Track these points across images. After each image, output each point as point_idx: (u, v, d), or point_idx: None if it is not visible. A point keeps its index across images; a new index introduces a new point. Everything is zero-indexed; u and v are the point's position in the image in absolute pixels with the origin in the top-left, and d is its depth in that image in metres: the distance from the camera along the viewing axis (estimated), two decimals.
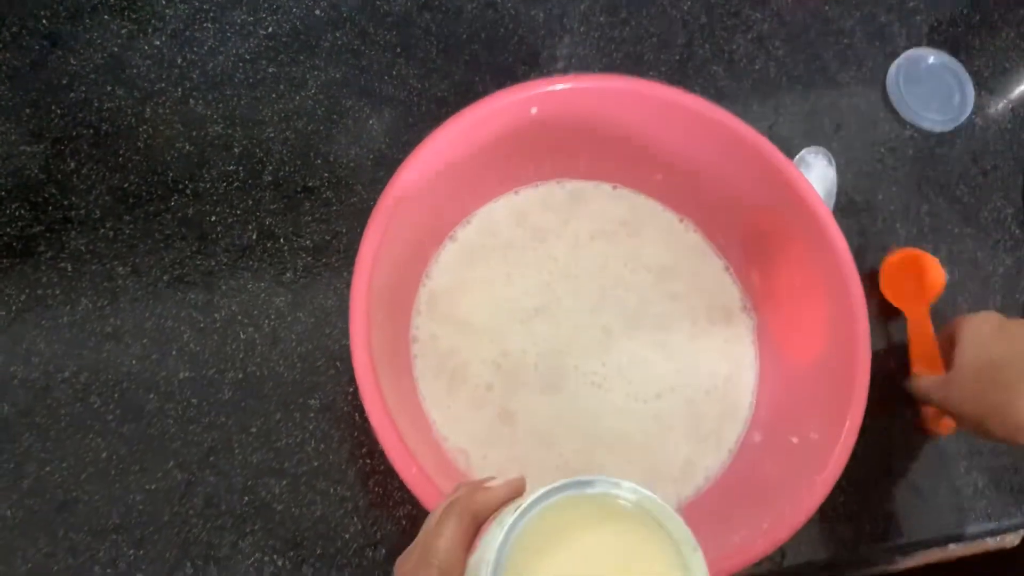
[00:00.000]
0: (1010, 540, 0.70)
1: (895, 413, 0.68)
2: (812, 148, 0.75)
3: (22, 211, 0.65)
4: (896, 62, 0.81)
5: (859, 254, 0.72)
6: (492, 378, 0.62)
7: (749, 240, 0.65)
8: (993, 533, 0.68)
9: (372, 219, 0.54)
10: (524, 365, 0.62)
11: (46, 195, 0.66)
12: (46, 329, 0.62)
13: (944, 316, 0.69)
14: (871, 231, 0.74)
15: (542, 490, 0.32)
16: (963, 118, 0.80)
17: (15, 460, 0.59)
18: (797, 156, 0.75)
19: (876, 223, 0.75)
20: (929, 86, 0.81)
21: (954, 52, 0.83)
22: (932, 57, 0.82)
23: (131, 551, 0.58)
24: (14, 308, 0.63)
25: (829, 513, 0.64)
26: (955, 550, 0.68)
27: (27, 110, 0.69)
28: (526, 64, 0.77)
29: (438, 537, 0.35)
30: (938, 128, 0.79)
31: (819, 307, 0.60)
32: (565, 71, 0.76)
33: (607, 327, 0.64)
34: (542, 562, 0.30)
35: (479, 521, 0.36)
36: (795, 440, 0.57)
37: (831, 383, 0.57)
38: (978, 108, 0.81)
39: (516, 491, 0.38)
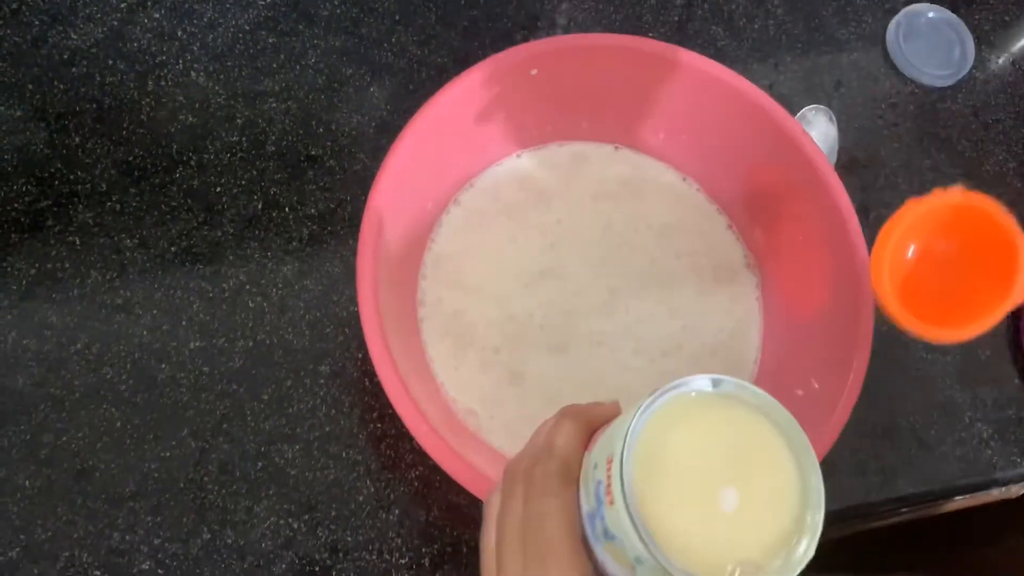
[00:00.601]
0: (1015, 490, 0.70)
1: (899, 365, 0.69)
2: (813, 106, 0.75)
3: (29, 186, 0.66)
4: (896, 18, 0.81)
5: (861, 210, 0.72)
6: (499, 340, 0.62)
7: (752, 198, 0.66)
8: (998, 483, 0.69)
9: (375, 186, 0.55)
10: (531, 327, 0.63)
11: (52, 170, 0.66)
12: (57, 302, 0.63)
13: None
14: (873, 187, 0.74)
15: (673, 382, 0.33)
16: (964, 72, 0.79)
17: (31, 431, 0.60)
18: (798, 114, 0.75)
19: (878, 179, 0.75)
20: (929, 41, 0.80)
21: (953, 7, 0.82)
22: (931, 12, 0.82)
23: (148, 518, 0.59)
24: (25, 282, 0.63)
25: (834, 466, 0.65)
26: (960, 501, 0.69)
27: (30, 86, 0.69)
28: (525, 29, 0.77)
29: (557, 436, 0.37)
30: (939, 83, 0.79)
31: (823, 261, 0.60)
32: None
33: (612, 287, 0.65)
34: (669, 441, 0.32)
35: (591, 428, 0.38)
36: (800, 393, 0.58)
37: (835, 336, 0.57)
38: (979, 62, 0.81)
39: (617, 411, 0.40)
